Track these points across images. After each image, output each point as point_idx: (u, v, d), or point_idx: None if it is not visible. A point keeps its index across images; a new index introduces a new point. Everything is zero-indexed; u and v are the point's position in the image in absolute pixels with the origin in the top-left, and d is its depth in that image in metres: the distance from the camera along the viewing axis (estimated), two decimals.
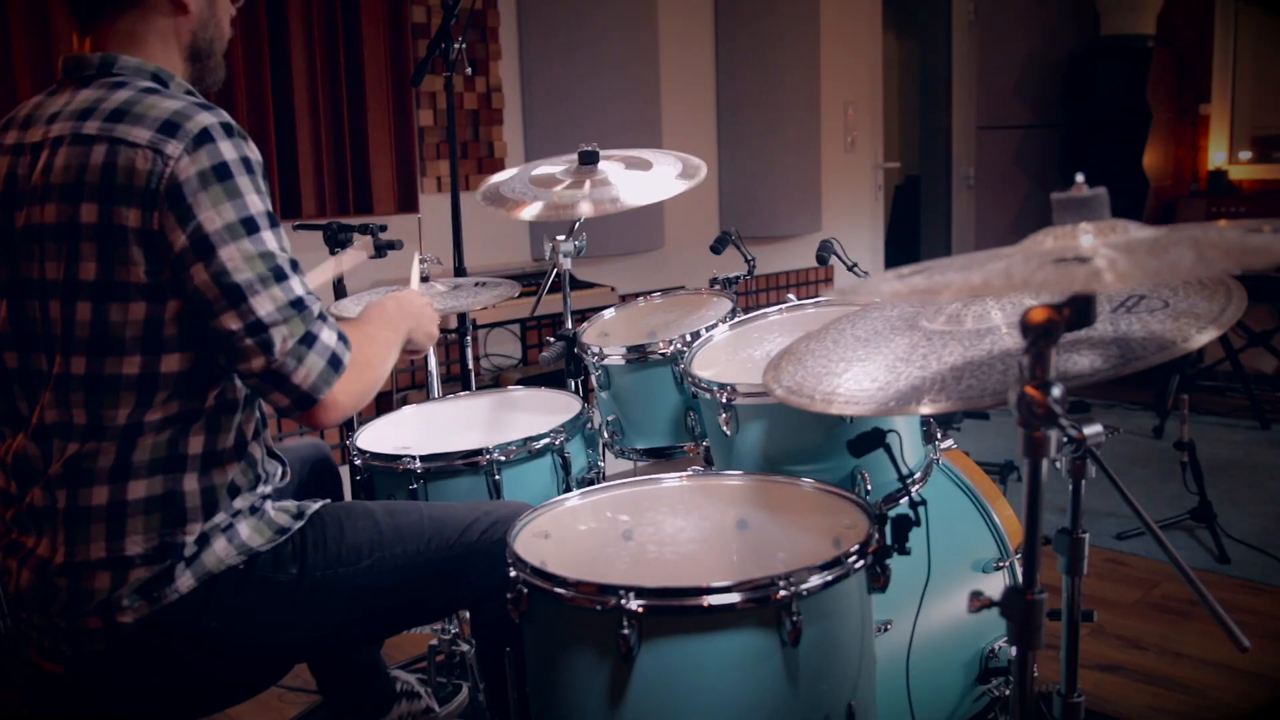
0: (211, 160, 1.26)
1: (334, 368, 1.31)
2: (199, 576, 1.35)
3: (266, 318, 1.27)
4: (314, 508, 1.49)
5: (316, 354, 1.30)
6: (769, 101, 4.58)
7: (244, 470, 1.41)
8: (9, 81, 2.66)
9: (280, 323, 1.27)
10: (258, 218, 1.29)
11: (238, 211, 1.27)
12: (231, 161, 1.28)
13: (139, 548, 1.31)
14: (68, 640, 1.34)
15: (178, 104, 1.29)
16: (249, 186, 1.29)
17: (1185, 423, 3.18)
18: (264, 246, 1.28)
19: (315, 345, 1.30)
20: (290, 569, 1.41)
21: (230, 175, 1.27)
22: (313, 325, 1.30)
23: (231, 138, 1.29)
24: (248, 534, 1.40)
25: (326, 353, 1.31)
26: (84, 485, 1.31)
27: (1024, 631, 1.02)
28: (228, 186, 1.27)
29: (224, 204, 1.26)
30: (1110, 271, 0.86)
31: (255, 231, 1.28)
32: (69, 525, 1.31)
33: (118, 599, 1.31)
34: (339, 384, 1.31)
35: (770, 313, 2.03)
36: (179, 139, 1.26)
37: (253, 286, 1.26)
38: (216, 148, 1.27)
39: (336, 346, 1.32)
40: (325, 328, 1.32)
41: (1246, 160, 5.62)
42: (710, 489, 1.62)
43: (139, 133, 1.26)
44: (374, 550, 1.47)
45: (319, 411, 1.31)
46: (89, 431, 1.30)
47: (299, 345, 1.28)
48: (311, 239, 2.64)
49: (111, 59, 1.36)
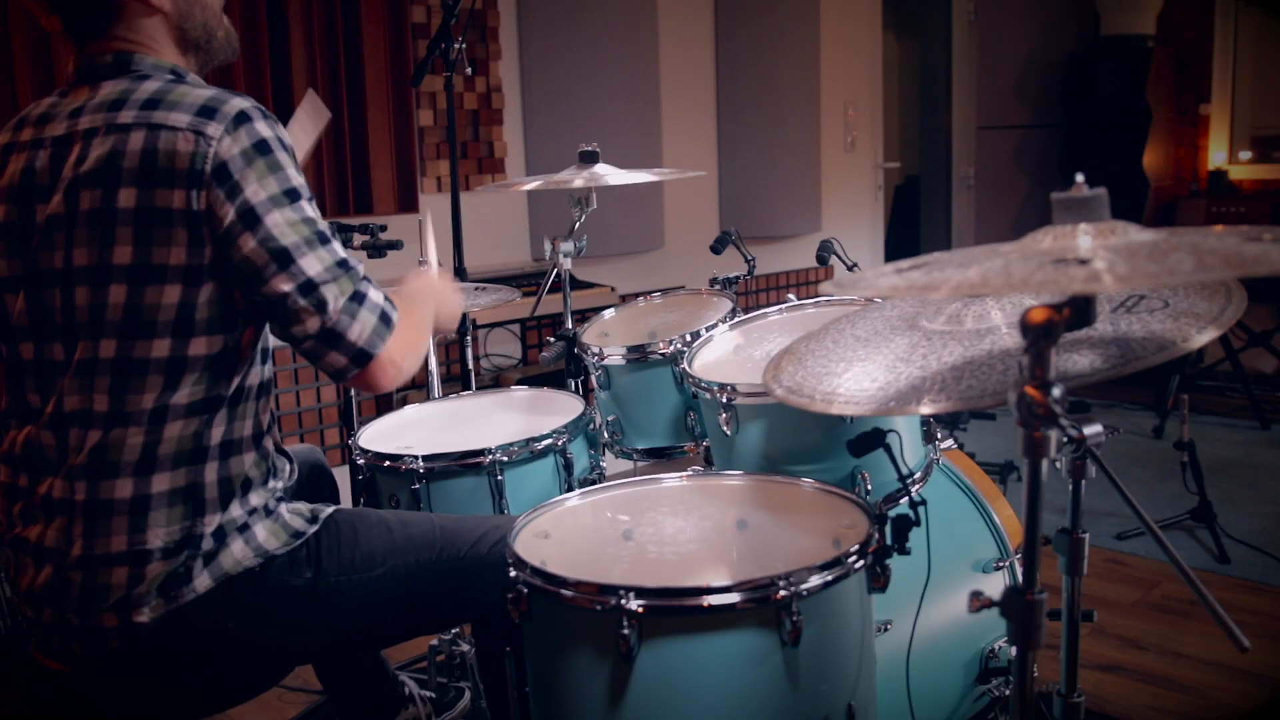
0: (252, 139, 1.29)
1: (386, 324, 1.34)
2: (216, 577, 1.35)
3: (317, 277, 1.30)
4: (327, 511, 1.50)
5: (368, 310, 1.33)
6: (769, 101, 4.58)
7: (257, 462, 1.41)
8: (9, 81, 2.66)
9: (330, 281, 1.31)
10: (299, 189, 1.33)
11: (280, 184, 1.30)
12: (270, 139, 1.32)
13: (160, 540, 1.32)
14: (81, 638, 1.33)
15: (210, 91, 1.32)
16: (288, 162, 1.33)
17: (1185, 423, 3.18)
18: (305, 214, 1.32)
19: (365, 302, 1.33)
20: (305, 573, 1.42)
21: (271, 151, 1.31)
22: (360, 284, 1.33)
23: (266, 119, 1.33)
24: (264, 536, 1.40)
25: (377, 310, 1.34)
26: (107, 477, 1.31)
27: (1024, 631, 1.02)
28: (269, 161, 1.30)
29: (268, 177, 1.30)
30: (1109, 274, 0.86)
31: (297, 200, 1.32)
32: (88, 517, 1.31)
33: (137, 596, 1.31)
34: (392, 341, 1.34)
35: (770, 313, 2.03)
36: (218, 120, 1.28)
37: (300, 248, 1.29)
38: (255, 127, 1.30)
39: (385, 305, 1.36)
40: (372, 288, 1.35)
41: (1246, 160, 5.62)
42: (710, 489, 1.62)
43: (178, 117, 1.28)
44: (388, 558, 1.48)
45: (375, 369, 1.33)
46: (112, 418, 1.30)
47: (350, 302, 1.31)
48: None
49: (128, 56, 1.37)
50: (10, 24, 2.65)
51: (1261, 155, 5.59)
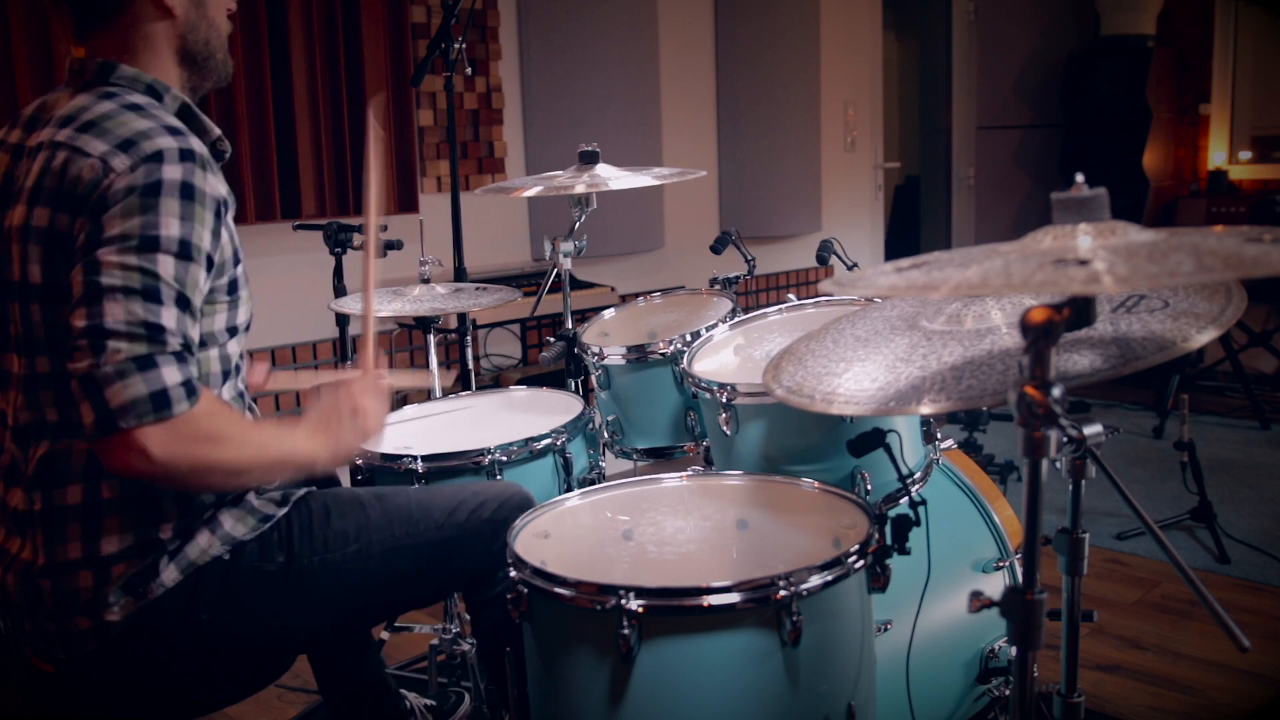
0: (147, 179, 1.23)
1: (155, 406, 1.16)
2: (183, 569, 1.35)
3: (110, 325, 1.17)
4: (298, 494, 1.49)
5: (143, 381, 1.16)
6: (769, 101, 4.58)
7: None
8: (9, 81, 2.66)
9: (121, 335, 1.17)
10: (164, 239, 1.22)
11: (144, 228, 1.21)
12: (167, 182, 1.23)
13: (115, 547, 1.31)
14: (60, 643, 1.33)
15: (148, 124, 1.28)
16: (173, 210, 1.23)
17: (1185, 423, 3.18)
18: (151, 265, 1.20)
19: (148, 372, 1.17)
20: (277, 557, 1.41)
21: (157, 194, 1.22)
22: (160, 355, 1.18)
23: (184, 163, 1.25)
24: (230, 524, 1.39)
25: (156, 385, 1.17)
26: (59, 485, 1.31)
27: (1024, 631, 1.02)
28: (147, 203, 1.22)
29: (133, 218, 1.21)
30: (1109, 275, 0.86)
31: (151, 251, 1.21)
32: (46, 527, 1.31)
33: (103, 597, 1.31)
34: (155, 430, 1.16)
35: (770, 313, 2.03)
36: (130, 155, 1.24)
37: (114, 293, 1.18)
38: (159, 168, 1.24)
39: (173, 389, 1.18)
40: (174, 365, 1.19)
41: (1246, 160, 5.62)
42: (710, 489, 1.62)
43: (96, 145, 1.26)
44: (361, 535, 1.47)
45: (117, 444, 1.17)
46: (60, 429, 1.30)
47: (129, 362, 1.17)
48: (312, 239, 2.64)
49: (111, 67, 1.36)
50: (10, 24, 2.65)
51: (1261, 155, 5.59)
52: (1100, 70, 5.59)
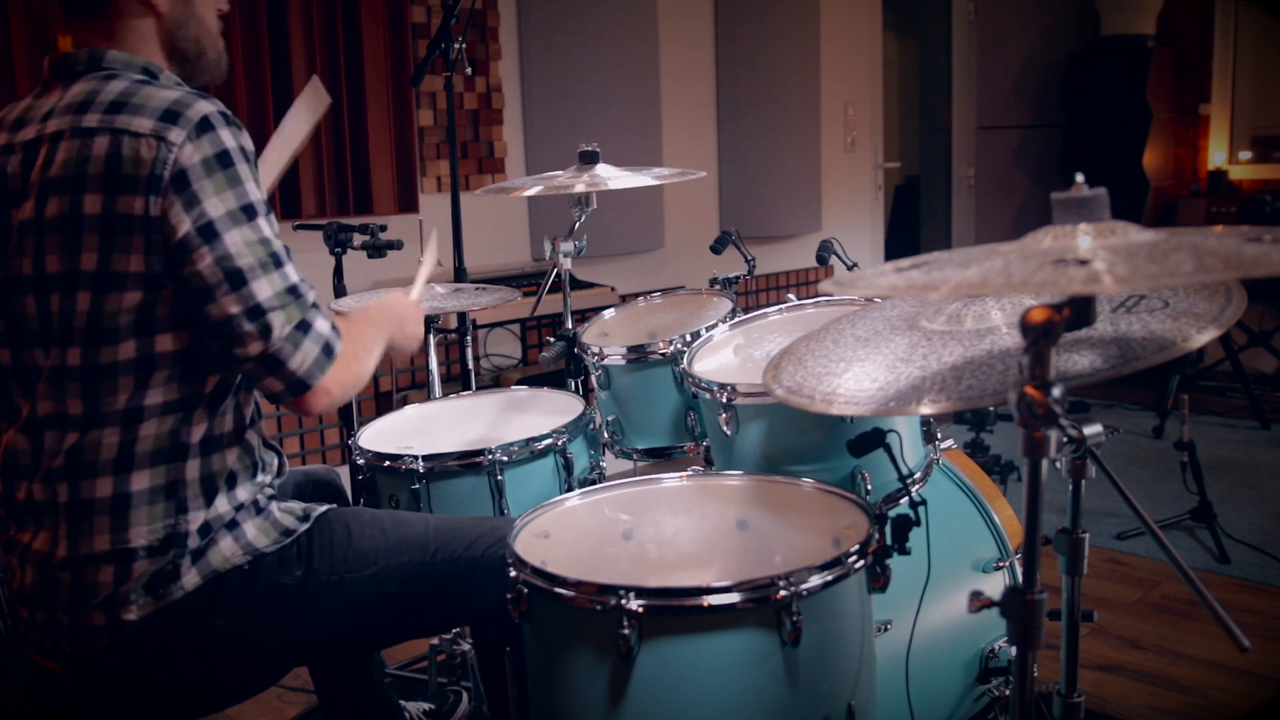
0: (214, 148, 1.28)
1: (327, 355, 1.34)
2: (205, 574, 1.35)
3: (266, 302, 1.29)
4: (319, 510, 1.50)
5: (311, 340, 1.32)
6: (769, 101, 4.58)
7: (240, 457, 1.41)
8: (9, 81, 2.66)
9: (278, 308, 1.30)
10: (256, 205, 1.31)
11: (239, 199, 1.29)
12: (233, 150, 1.30)
13: (143, 539, 1.32)
14: (70, 637, 1.34)
15: (176, 93, 1.31)
16: (248, 175, 1.31)
17: (1185, 423, 3.18)
18: (262, 233, 1.31)
19: (310, 332, 1.32)
20: (295, 571, 1.42)
21: (232, 163, 1.29)
22: (308, 313, 1.33)
23: (230, 126, 1.31)
24: (253, 534, 1.40)
25: (320, 340, 1.33)
26: (86, 477, 1.31)
27: (1024, 631, 1.02)
28: (230, 174, 1.29)
29: (226, 191, 1.28)
30: (1109, 275, 0.86)
31: (254, 218, 1.30)
32: (71, 518, 1.31)
33: (124, 594, 1.32)
34: (331, 372, 1.34)
35: (770, 313, 2.03)
36: (181, 126, 1.27)
37: (254, 271, 1.28)
38: (218, 135, 1.29)
39: (330, 335, 1.35)
40: (319, 316, 1.34)
41: (1246, 160, 5.62)
42: (710, 489, 1.62)
43: (141, 122, 1.27)
44: (380, 558, 1.47)
45: (310, 398, 1.33)
46: (87, 420, 1.30)
47: (295, 331, 1.31)
48: (312, 239, 2.64)
49: (100, 53, 1.36)
50: (10, 24, 2.65)
51: (1261, 155, 5.59)
52: (1100, 70, 5.59)
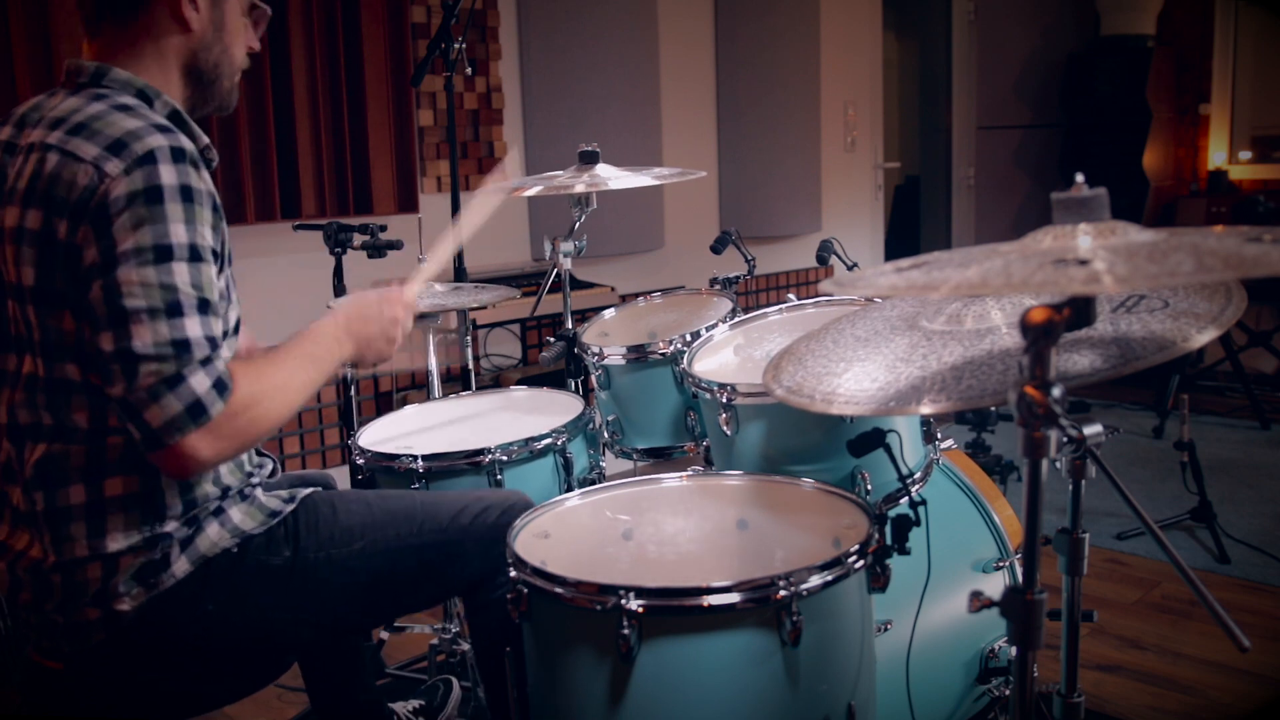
0: (146, 182, 1.23)
1: (192, 417, 1.21)
2: (194, 561, 1.36)
3: (140, 349, 1.21)
4: (305, 493, 1.50)
5: (175, 397, 1.21)
6: (769, 101, 4.58)
7: (232, 470, 1.43)
8: (9, 81, 2.66)
9: (151, 358, 1.21)
10: (175, 248, 1.24)
11: (155, 238, 1.23)
12: (167, 186, 1.24)
13: (121, 543, 1.32)
14: (66, 635, 1.34)
15: (137, 124, 1.28)
16: (177, 215, 1.24)
17: (1185, 423, 3.18)
18: (169, 278, 1.23)
19: (179, 388, 1.21)
20: (284, 551, 1.43)
21: (160, 200, 1.23)
22: (187, 368, 1.22)
23: (178, 164, 1.26)
24: (240, 518, 1.41)
25: (189, 399, 1.21)
26: (60, 486, 1.31)
27: (1024, 631, 1.02)
28: (153, 211, 1.23)
29: (143, 228, 1.22)
30: (1109, 275, 0.86)
31: (165, 261, 1.23)
32: (51, 525, 1.32)
33: (114, 586, 1.32)
34: (197, 435, 1.22)
35: (770, 313, 2.03)
36: (122, 158, 1.24)
37: (139, 314, 1.21)
38: (156, 170, 1.24)
39: (205, 396, 1.22)
40: (201, 373, 1.23)
41: (1246, 160, 5.62)
42: (710, 489, 1.62)
43: (88, 148, 1.26)
44: (366, 532, 1.48)
45: (169, 456, 1.23)
46: (56, 432, 1.31)
47: (160, 384, 1.21)
48: (312, 239, 2.64)
49: (105, 70, 1.37)
50: (10, 24, 2.65)
51: (1261, 155, 5.59)
52: (1100, 70, 5.59)
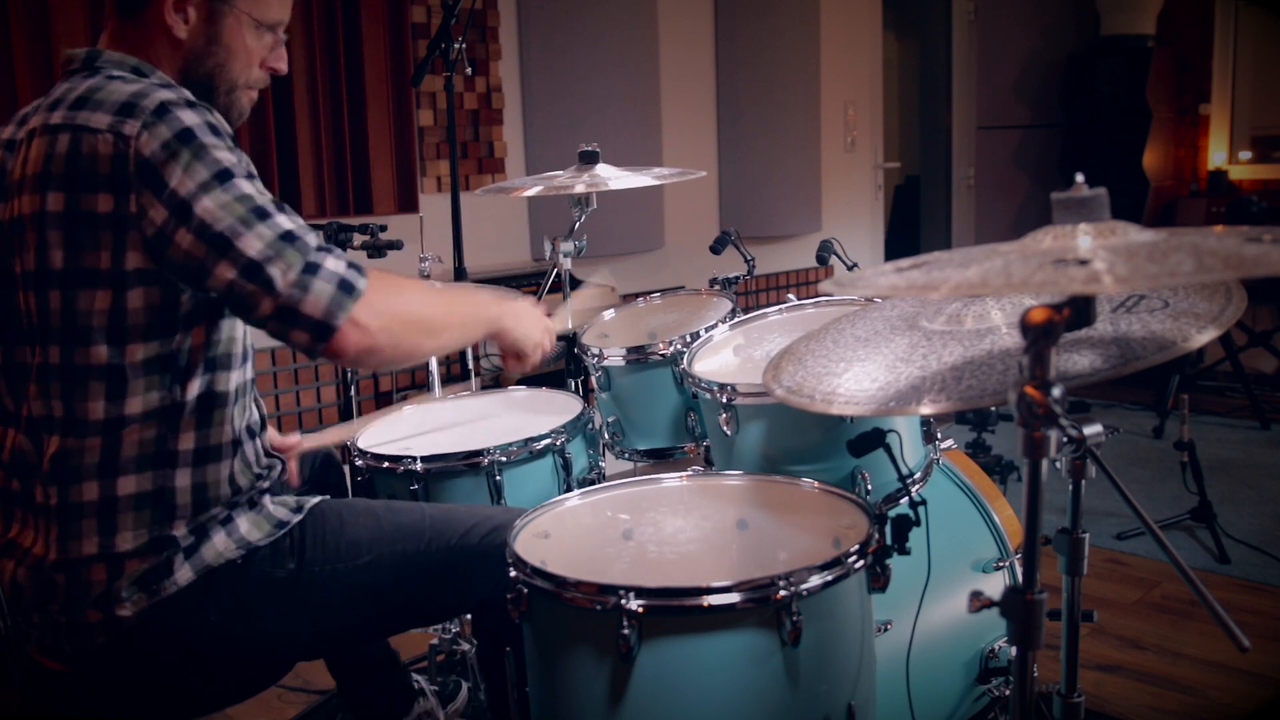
0: (172, 129, 1.24)
1: (346, 291, 1.25)
2: (197, 570, 1.35)
3: (258, 255, 1.23)
4: (312, 502, 1.49)
5: (322, 280, 1.24)
6: (769, 101, 4.58)
7: (242, 470, 1.41)
8: (9, 81, 2.66)
9: (274, 257, 1.23)
10: (230, 168, 1.26)
11: (208, 169, 1.24)
12: (195, 125, 1.26)
13: (130, 544, 1.32)
14: (68, 636, 1.34)
15: (138, 85, 1.29)
16: (215, 144, 1.27)
17: (1185, 423, 3.18)
18: (238, 191, 1.25)
19: (319, 272, 1.24)
20: (288, 564, 1.41)
21: (194, 137, 1.25)
22: (311, 255, 1.25)
23: (191, 108, 1.28)
24: (246, 528, 1.40)
25: (334, 278, 1.25)
26: (74, 481, 1.31)
27: (1024, 631, 1.02)
28: (193, 148, 1.24)
29: (194, 165, 1.24)
30: (1109, 275, 0.86)
31: (228, 180, 1.25)
32: (61, 521, 1.32)
33: (116, 590, 1.32)
34: (359, 308, 1.25)
35: (770, 313, 2.03)
36: (136, 117, 1.25)
37: (235, 230, 1.23)
38: (176, 116, 1.25)
39: (346, 272, 1.26)
40: (330, 257, 1.26)
41: (1246, 160, 5.62)
42: (710, 489, 1.62)
43: (99, 118, 1.26)
44: (373, 547, 1.47)
45: (341, 340, 1.25)
46: (68, 425, 1.30)
47: (302, 275, 1.23)
48: None
49: (97, 53, 1.37)
50: (10, 24, 2.65)
51: (1261, 155, 5.59)
52: (1100, 70, 5.60)
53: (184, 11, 1.38)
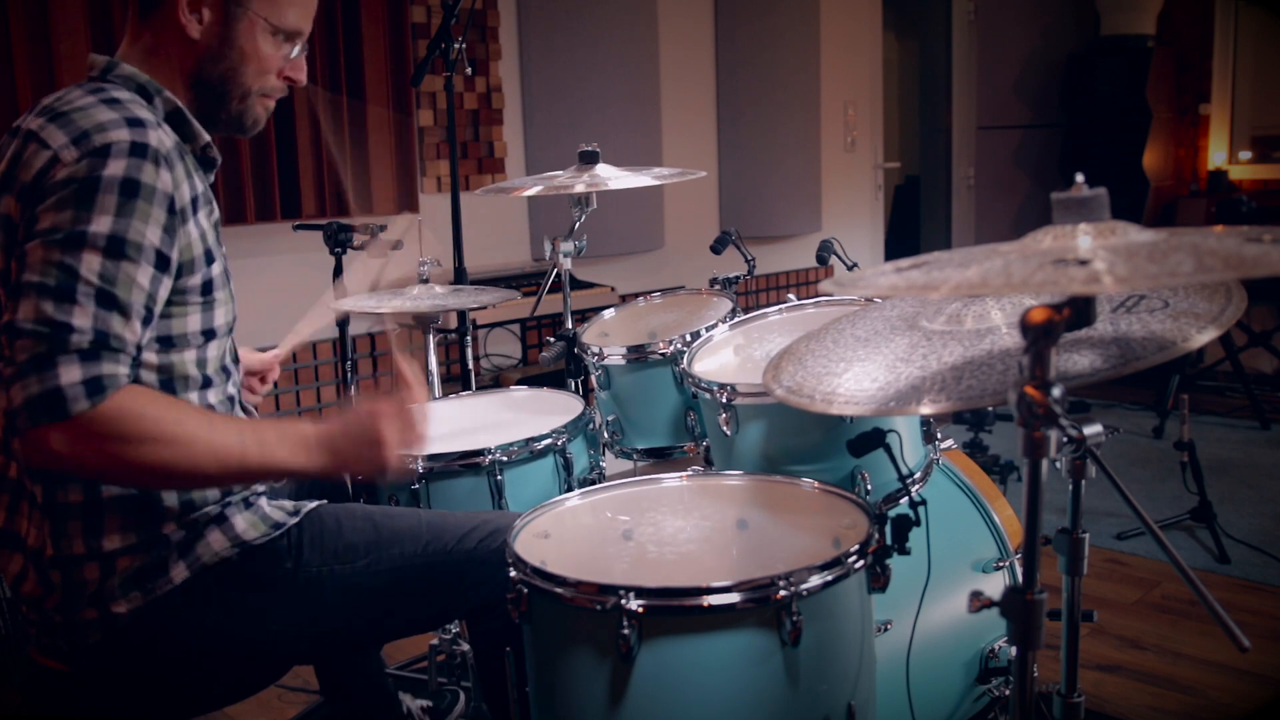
0: (90, 171, 1.20)
1: (47, 406, 1.13)
2: (193, 568, 1.35)
3: (20, 324, 1.16)
4: (310, 506, 1.49)
5: (37, 380, 1.14)
6: (769, 101, 4.58)
7: None
8: (9, 82, 2.66)
9: (27, 334, 1.15)
10: (90, 235, 1.18)
11: (75, 223, 1.18)
12: (108, 178, 1.20)
13: (118, 544, 1.31)
14: (65, 634, 1.34)
15: (112, 115, 1.26)
16: (108, 207, 1.19)
17: (1185, 423, 3.18)
18: (71, 261, 1.17)
19: (43, 372, 1.14)
20: (285, 564, 1.42)
21: (94, 190, 1.19)
22: (61, 354, 1.15)
23: (134, 158, 1.22)
24: (242, 527, 1.40)
25: (50, 385, 1.14)
26: (59, 483, 1.31)
27: (1024, 631, 1.02)
28: (83, 198, 1.19)
29: (66, 211, 1.19)
30: (1109, 275, 0.86)
31: (77, 248, 1.18)
32: (52, 518, 1.32)
33: (110, 588, 1.32)
34: (53, 430, 1.14)
35: (770, 313, 2.03)
36: (80, 146, 1.22)
37: (29, 291, 1.17)
38: (104, 162, 1.21)
39: (69, 389, 1.14)
40: (76, 365, 1.15)
41: (1246, 160, 5.62)
42: (710, 489, 1.62)
43: (58, 137, 1.25)
44: (370, 550, 1.47)
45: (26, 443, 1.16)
46: None
47: (29, 363, 1.14)
48: (312, 239, 2.64)
49: (113, 65, 1.37)
50: (10, 24, 2.65)
51: (1261, 155, 5.59)
52: (1100, 70, 5.60)
53: (199, 12, 1.37)
